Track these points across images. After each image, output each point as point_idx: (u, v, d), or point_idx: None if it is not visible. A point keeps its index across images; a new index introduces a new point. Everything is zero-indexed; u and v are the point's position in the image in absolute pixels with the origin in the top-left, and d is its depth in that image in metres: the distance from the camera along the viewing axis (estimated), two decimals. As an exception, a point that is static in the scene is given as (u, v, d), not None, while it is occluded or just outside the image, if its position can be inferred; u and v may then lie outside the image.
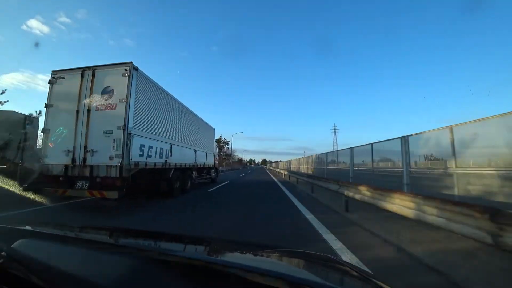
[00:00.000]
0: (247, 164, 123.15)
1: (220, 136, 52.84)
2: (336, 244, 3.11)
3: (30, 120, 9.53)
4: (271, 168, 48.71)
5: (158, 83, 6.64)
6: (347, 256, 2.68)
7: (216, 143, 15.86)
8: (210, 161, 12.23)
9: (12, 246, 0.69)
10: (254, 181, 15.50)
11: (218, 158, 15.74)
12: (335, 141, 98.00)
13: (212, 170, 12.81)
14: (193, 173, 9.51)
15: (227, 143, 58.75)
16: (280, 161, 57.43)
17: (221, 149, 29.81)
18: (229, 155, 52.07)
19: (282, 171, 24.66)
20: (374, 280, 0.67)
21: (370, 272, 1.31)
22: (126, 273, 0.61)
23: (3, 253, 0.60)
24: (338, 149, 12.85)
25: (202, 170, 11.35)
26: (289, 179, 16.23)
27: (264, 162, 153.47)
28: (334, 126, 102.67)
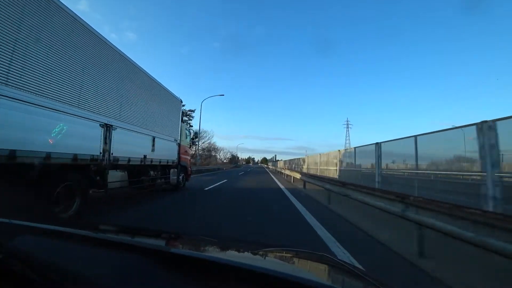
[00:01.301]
0: (244, 163, 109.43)
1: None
2: None
3: None
4: (277, 169, 29.11)
5: None
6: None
7: (187, 126, 10.35)
8: (167, 154, 7.02)
9: (11, 242, 0.67)
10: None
11: (188, 150, 10.12)
12: (347, 138, 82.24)
13: (173, 171, 7.58)
14: (98, 177, 4.30)
15: (191, 116, 33.92)
16: (279, 159, 41.79)
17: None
18: (193, 138, 11.46)
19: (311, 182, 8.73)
20: (369, 278, 0.68)
21: (364, 270, 1.21)
22: (126, 271, 0.58)
23: (2, 249, 0.58)
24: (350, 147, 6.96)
25: (144, 169, 6.15)
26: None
27: (265, 160, 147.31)
28: (347, 121, 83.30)
